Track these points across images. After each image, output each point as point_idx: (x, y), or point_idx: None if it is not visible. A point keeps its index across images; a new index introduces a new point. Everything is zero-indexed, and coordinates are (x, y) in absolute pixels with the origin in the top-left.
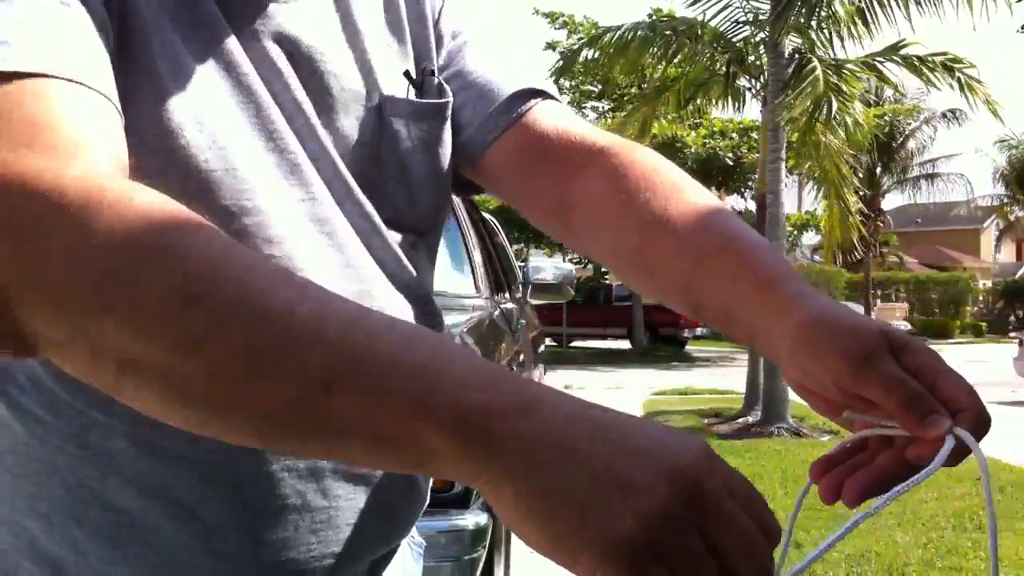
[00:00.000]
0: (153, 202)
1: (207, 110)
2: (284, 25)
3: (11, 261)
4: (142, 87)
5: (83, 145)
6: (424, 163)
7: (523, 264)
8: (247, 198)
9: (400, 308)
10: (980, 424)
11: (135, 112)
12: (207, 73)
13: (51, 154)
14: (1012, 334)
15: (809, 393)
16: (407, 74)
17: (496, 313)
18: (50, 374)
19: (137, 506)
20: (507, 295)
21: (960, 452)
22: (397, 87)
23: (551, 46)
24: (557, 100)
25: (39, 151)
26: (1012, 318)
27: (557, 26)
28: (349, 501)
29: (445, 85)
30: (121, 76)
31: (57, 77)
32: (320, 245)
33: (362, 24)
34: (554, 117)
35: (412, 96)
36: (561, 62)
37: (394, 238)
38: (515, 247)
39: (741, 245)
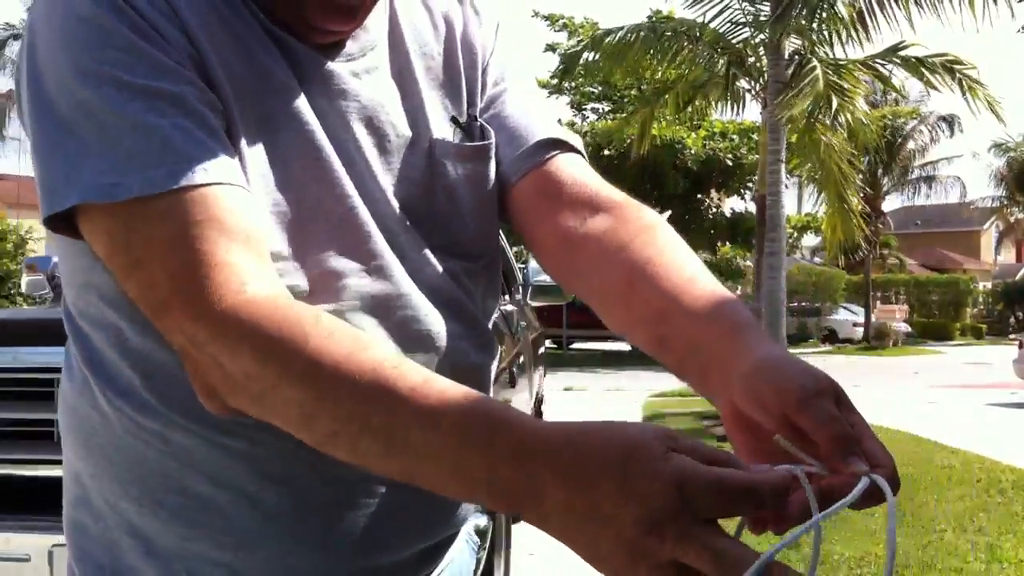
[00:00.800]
0: (281, 339)
1: (276, 168)
2: (348, 83)
3: (204, 368)
4: None
5: (222, 274)
6: (471, 196)
7: (523, 266)
8: (305, 241)
9: (446, 328)
10: (893, 480)
11: None
12: (278, 136)
13: (206, 286)
14: (1012, 336)
15: (739, 428)
16: (454, 119)
17: (496, 315)
18: (142, 384)
19: (209, 493)
20: (507, 297)
21: (870, 498)
22: (446, 130)
23: (551, 48)
24: (581, 153)
25: (196, 285)
26: (1012, 320)
27: (557, 28)
28: (391, 499)
29: (488, 127)
30: None
31: (200, 186)
32: (369, 278)
33: (418, 73)
34: (573, 169)
35: (458, 139)
36: (562, 65)
37: (448, 266)
38: (515, 249)
39: (722, 297)
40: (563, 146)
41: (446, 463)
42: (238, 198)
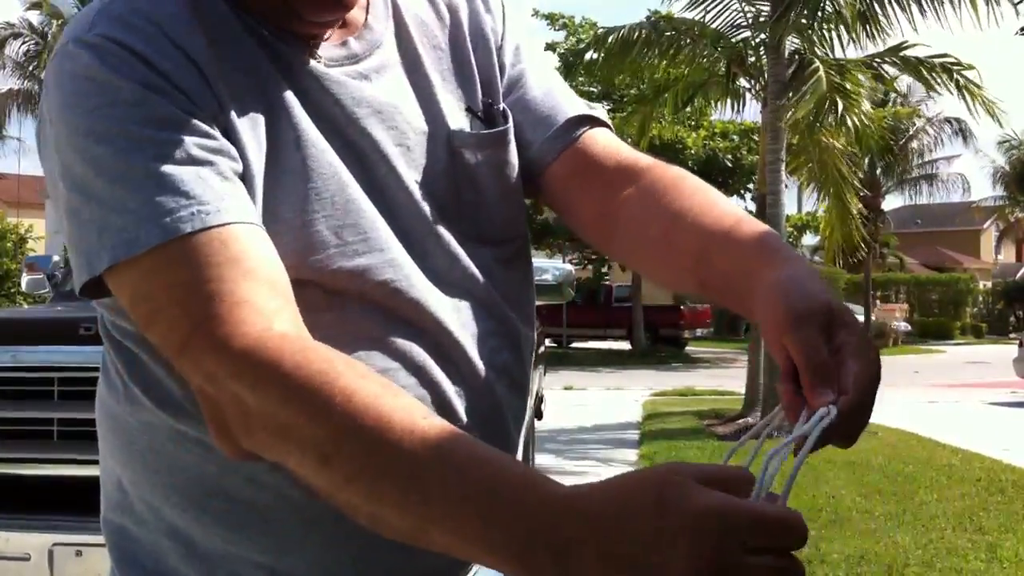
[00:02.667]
0: (309, 373)
1: (287, 194)
2: (359, 90)
3: (218, 407)
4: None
5: (242, 311)
6: (494, 182)
7: None
8: (323, 264)
9: (476, 329)
10: (852, 412)
11: None
12: (290, 163)
13: (223, 324)
14: (1012, 335)
15: (779, 348)
16: (469, 109)
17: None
18: (182, 393)
19: (251, 496)
20: None
21: (841, 431)
22: (462, 120)
23: (551, 47)
24: (608, 126)
25: (213, 323)
26: (1012, 319)
27: (557, 27)
28: None
29: (508, 111)
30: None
31: (215, 227)
32: (390, 292)
33: (428, 68)
34: (603, 142)
35: (476, 127)
36: (562, 64)
37: (479, 257)
38: None
39: (752, 227)
40: (590, 121)
41: (469, 522)
42: (257, 238)
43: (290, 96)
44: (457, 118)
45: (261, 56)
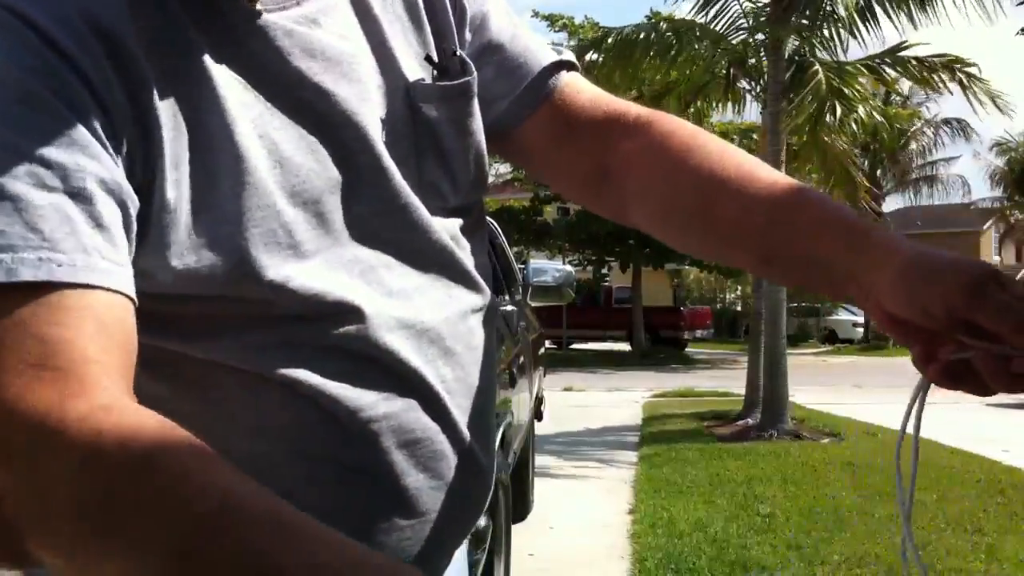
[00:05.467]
0: (142, 451)
1: (229, 186)
2: (313, 39)
3: (17, 495)
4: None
5: (89, 372)
6: (458, 140)
7: (523, 266)
8: (287, 237)
9: (446, 312)
10: None
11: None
12: (225, 146)
13: (58, 383)
14: None
15: (897, 325)
16: (428, 59)
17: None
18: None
19: None
20: (507, 297)
21: None
22: (420, 72)
23: (554, 48)
24: (579, 70)
25: (47, 378)
26: None
27: (557, 29)
28: (431, 526)
29: (468, 61)
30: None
31: (66, 285)
32: (364, 290)
33: (379, 13)
34: (587, 90)
35: (436, 79)
36: None
37: (447, 226)
38: (515, 250)
39: (814, 198)
40: (565, 66)
41: None
42: (120, 308)
43: (221, 56)
44: (414, 68)
45: (179, 9)
